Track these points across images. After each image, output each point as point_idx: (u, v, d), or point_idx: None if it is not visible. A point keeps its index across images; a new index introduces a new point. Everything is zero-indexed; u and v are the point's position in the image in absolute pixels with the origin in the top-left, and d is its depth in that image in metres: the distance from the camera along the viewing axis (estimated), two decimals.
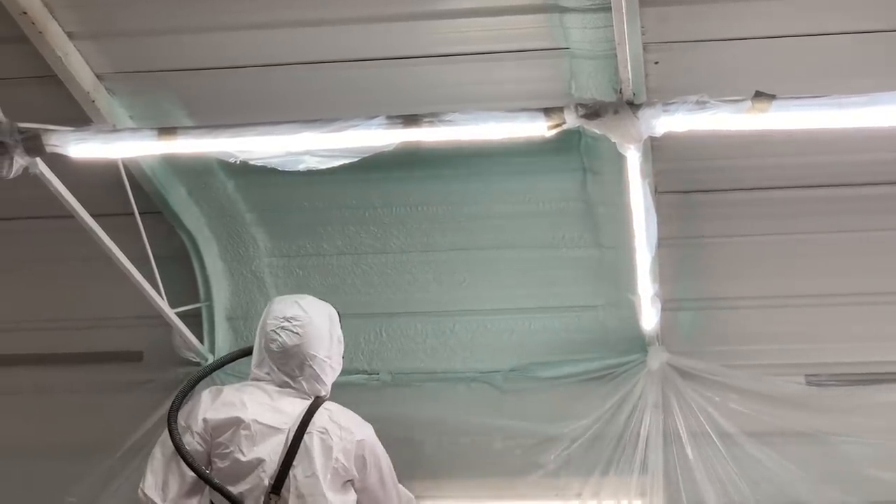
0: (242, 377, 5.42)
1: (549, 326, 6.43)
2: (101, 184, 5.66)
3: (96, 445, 6.56)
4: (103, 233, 5.72)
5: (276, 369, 4.61)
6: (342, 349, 4.75)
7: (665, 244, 5.60)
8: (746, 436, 6.13)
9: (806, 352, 6.26)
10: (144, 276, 6.02)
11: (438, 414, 6.44)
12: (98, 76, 5.49)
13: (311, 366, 4.57)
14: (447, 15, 5.06)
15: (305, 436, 4.47)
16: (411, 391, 6.51)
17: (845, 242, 6.04)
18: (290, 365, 4.57)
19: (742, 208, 6.00)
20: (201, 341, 6.62)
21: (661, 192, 5.74)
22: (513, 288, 6.38)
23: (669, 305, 6.08)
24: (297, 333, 4.60)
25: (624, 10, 4.45)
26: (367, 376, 6.50)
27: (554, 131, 4.55)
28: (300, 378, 4.57)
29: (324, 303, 4.77)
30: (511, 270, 6.32)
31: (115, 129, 4.91)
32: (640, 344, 6.30)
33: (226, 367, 5.60)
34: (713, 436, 6.15)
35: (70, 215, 5.54)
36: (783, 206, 5.95)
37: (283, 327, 4.61)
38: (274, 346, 4.60)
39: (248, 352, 4.82)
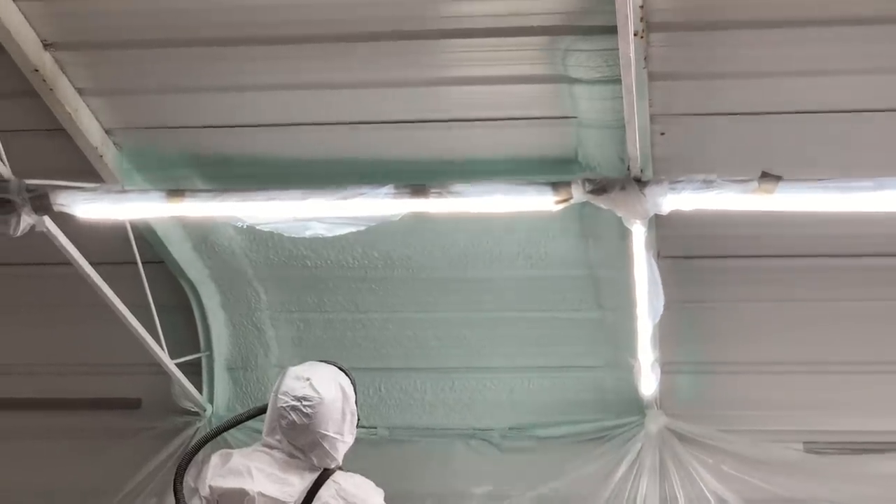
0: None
1: (547, 386, 6.43)
2: (106, 232, 5.65)
3: (93, 491, 6.56)
4: (105, 285, 5.73)
5: (286, 441, 4.57)
6: (356, 420, 4.70)
7: (666, 307, 5.55)
8: (744, 502, 6.14)
9: (804, 418, 6.29)
10: (145, 324, 6.03)
11: (435, 470, 6.46)
12: (107, 131, 5.51)
13: (321, 443, 4.53)
14: (459, 82, 5.09)
15: None
16: (409, 446, 6.53)
17: (846, 311, 6.05)
18: (300, 441, 4.53)
19: (743, 274, 6.00)
20: (200, 391, 6.62)
21: (663, 256, 5.74)
22: (512, 347, 6.38)
23: (668, 368, 6.09)
24: (307, 415, 4.53)
25: (634, 89, 4.48)
26: (364, 430, 6.45)
27: (561, 206, 4.57)
28: (310, 453, 4.54)
29: (338, 375, 4.65)
30: (511, 330, 6.32)
31: (123, 190, 4.92)
32: (637, 406, 6.31)
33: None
34: (711, 502, 6.16)
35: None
36: (784, 273, 5.96)
37: (293, 407, 4.53)
38: (284, 423, 4.55)
39: (262, 410, 4.76)
